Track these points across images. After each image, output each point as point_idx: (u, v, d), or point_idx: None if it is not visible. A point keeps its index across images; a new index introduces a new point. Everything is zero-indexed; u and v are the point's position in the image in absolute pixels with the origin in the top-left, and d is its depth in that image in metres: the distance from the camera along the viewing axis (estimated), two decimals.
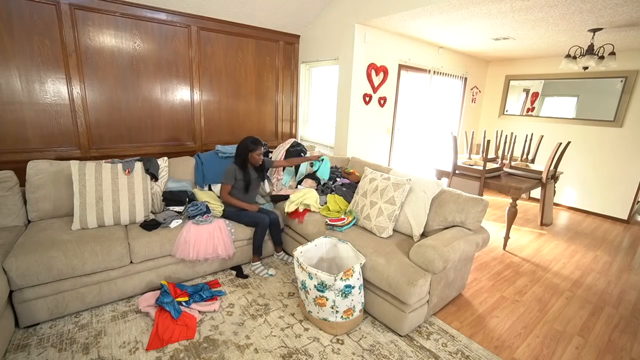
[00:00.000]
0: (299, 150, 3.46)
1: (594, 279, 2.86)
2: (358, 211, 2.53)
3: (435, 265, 1.89)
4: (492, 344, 2.00)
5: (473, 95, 5.56)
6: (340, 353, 1.86)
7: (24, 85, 2.79)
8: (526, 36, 3.70)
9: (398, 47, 3.99)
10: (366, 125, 3.97)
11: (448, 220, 2.31)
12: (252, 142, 2.66)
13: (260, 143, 2.68)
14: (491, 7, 2.74)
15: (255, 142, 2.66)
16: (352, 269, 1.91)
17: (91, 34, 3.00)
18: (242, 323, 2.06)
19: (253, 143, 2.65)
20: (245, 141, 2.66)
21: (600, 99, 4.46)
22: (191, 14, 3.44)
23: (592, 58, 3.37)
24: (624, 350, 2.01)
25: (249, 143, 2.65)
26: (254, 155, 2.66)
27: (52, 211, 2.38)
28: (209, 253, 2.39)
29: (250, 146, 2.65)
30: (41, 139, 2.96)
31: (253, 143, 2.65)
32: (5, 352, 1.74)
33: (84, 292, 2.05)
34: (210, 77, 3.77)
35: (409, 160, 4.82)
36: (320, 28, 4.00)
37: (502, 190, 3.36)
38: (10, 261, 1.80)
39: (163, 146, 3.62)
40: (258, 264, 2.64)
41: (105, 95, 3.18)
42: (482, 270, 2.90)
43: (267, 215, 2.68)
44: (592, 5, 2.59)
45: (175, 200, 2.63)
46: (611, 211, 4.50)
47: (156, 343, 1.83)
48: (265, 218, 2.63)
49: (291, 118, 4.64)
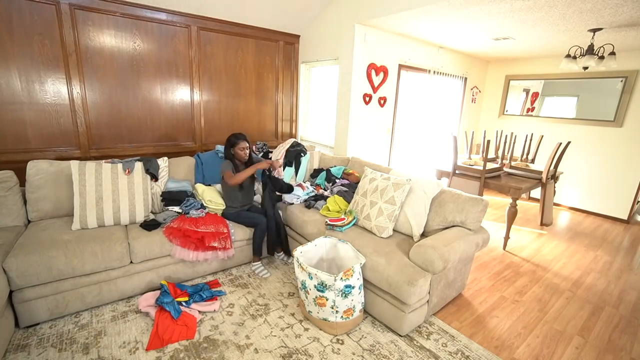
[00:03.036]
0: (299, 150, 3.46)
1: (594, 279, 2.86)
2: (358, 211, 2.53)
3: (435, 265, 1.89)
4: (492, 344, 2.00)
5: (473, 95, 5.56)
6: (340, 353, 1.86)
7: (24, 85, 2.79)
8: (526, 36, 3.71)
9: (398, 47, 3.99)
10: (366, 125, 3.97)
11: (448, 220, 2.31)
12: (234, 137, 2.66)
13: (242, 137, 2.67)
14: (491, 7, 2.74)
15: (237, 137, 2.66)
16: (352, 269, 1.91)
17: (91, 34, 3.00)
18: (242, 323, 2.06)
19: (235, 137, 2.66)
20: (228, 137, 2.68)
21: (600, 99, 4.46)
22: (191, 14, 3.45)
23: (592, 58, 3.37)
24: (624, 350, 2.01)
25: (231, 138, 2.66)
26: (237, 150, 2.65)
27: (52, 211, 2.38)
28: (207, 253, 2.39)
29: (232, 140, 2.65)
30: (41, 139, 2.96)
31: (235, 137, 2.66)
32: (5, 352, 1.74)
33: (84, 292, 2.05)
34: (210, 77, 3.78)
35: (409, 160, 4.82)
36: (320, 28, 4.00)
37: (502, 190, 3.36)
38: (10, 261, 1.80)
39: (163, 146, 3.62)
40: (258, 264, 2.64)
41: (105, 95, 3.18)
42: (482, 270, 2.90)
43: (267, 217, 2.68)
44: (592, 5, 2.59)
45: (174, 200, 2.63)
46: (611, 211, 4.50)
47: (156, 343, 1.83)
48: (263, 219, 2.63)
49: (291, 118, 4.64)
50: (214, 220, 2.48)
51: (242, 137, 2.67)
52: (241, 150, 2.66)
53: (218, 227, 2.43)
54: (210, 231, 2.38)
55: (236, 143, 2.64)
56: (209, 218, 2.48)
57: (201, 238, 2.33)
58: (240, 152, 2.66)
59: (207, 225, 2.41)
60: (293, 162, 3.43)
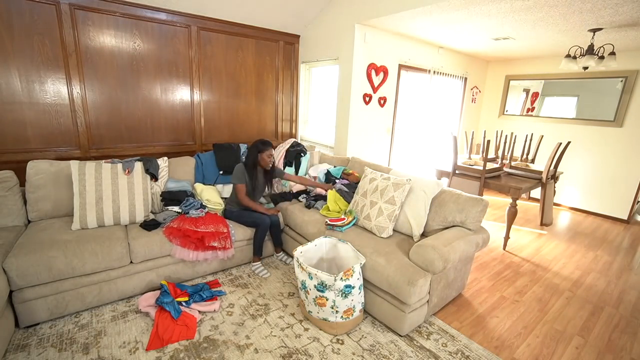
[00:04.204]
0: (299, 150, 3.46)
1: (594, 279, 2.85)
2: (358, 211, 2.53)
3: (435, 265, 1.89)
4: (492, 344, 2.00)
5: (473, 95, 5.56)
6: (340, 353, 1.86)
7: (24, 85, 2.79)
8: (526, 36, 3.70)
9: (398, 47, 3.99)
10: (366, 125, 3.97)
11: (448, 220, 2.31)
12: (262, 143, 2.67)
13: (270, 144, 2.69)
14: (491, 7, 2.74)
15: (265, 143, 2.67)
16: (352, 269, 1.91)
17: (91, 34, 2.99)
18: (242, 323, 2.06)
19: (263, 144, 2.67)
20: (255, 142, 2.69)
21: (600, 99, 4.46)
22: (191, 14, 3.44)
23: (592, 58, 3.37)
24: (624, 350, 2.01)
25: (259, 144, 2.67)
26: (263, 157, 2.67)
27: (52, 211, 2.38)
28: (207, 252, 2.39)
29: (259, 147, 2.66)
30: (41, 139, 2.96)
31: (263, 144, 2.67)
32: (5, 352, 1.74)
33: (84, 292, 2.05)
34: (210, 77, 3.77)
35: (409, 160, 4.82)
36: (320, 28, 3.99)
37: (502, 190, 3.36)
38: (10, 261, 1.80)
39: (163, 146, 3.62)
40: (258, 264, 2.64)
41: (105, 95, 3.18)
42: (482, 270, 2.90)
43: (268, 217, 2.68)
44: (592, 5, 2.59)
45: (174, 200, 2.63)
46: (611, 211, 4.50)
47: (156, 343, 1.83)
48: (266, 219, 2.63)
49: (291, 118, 4.64)
50: (214, 220, 2.48)
51: (269, 144, 2.69)
52: (268, 157, 2.68)
53: (218, 226, 2.43)
54: (210, 231, 2.38)
55: (264, 150, 2.66)
56: (209, 218, 2.48)
57: (201, 238, 2.33)
58: (266, 159, 2.68)
59: (207, 225, 2.41)
60: (293, 162, 3.44)
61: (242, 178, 2.62)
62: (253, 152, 2.67)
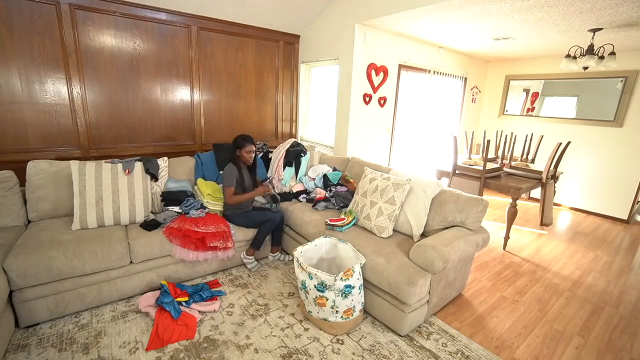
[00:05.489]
0: (299, 150, 3.46)
1: (594, 279, 2.85)
2: (358, 211, 2.53)
3: (435, 265, 1.89)
4: (492, 344, 2.00)
5: (473, 95, 5.56)
6: (340, 353, 1.86)
7: (24, 85, 2.79)
8: (526, 36, 3.70)
9: (398, 47, 3.99)
10: (366, 125, 3.97)
11: (448, 220, 2.31)
12: (242, 139, 2.60)
13: (250, 141, 2.61)
14: (491, 7, 2.74)
15: (245, 139, 2.60)
16: (352, 269, 1.91)
17: (91, 34, 2.99)
18: (242, 323, 2.06)
19: (243, 139, 2.60)
20: (236, 138, 2.62)
21: (600, 99, 4.46)
22: (191, 14, 3.44)
23: (592, 58, 3.37)
24: (624, 350, 2.01)
25: (239, 139, 2.60)
26: (242, 153, 2.60)
27: (52, 211, 2.38)
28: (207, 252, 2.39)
29: (239, 142, 2.59)
30: (41, 139, 2.96)
31: (243, 139, 2.60)
32: (5, 352, 1.74)
33: (84, 292, 2.05)
34: (210, 77, 3.77)
35: (409, 160, 4.82)
36: (320, 28, 4.00)
37: (502, 190, 3.36)
38: (10, 261, 1.80)
39: (163, 146, 3.62)
40: (251, 258, 2.62)
41: (105, 95, 3.18)
42: (482, 270, 2.90)
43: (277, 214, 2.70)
44: (592, 5, 2.59)
45: (174, 200, 2.63)
46: (611, 211, 4.50)
47: (156, 343, 1.83)
48: (276, 216, 2.64)
49: (291, 118, 4.64)
50: (214, 220, 2.48)
51: (250, 139, 2.62)
52: (247, 153, 2.60)
53: (218, 226, 2.43)
54: (210, 231, 2.38)
55: (243, 145, 2.58)
56: (209, 218, 2.48)
57: (201, 238, 2.33)
58: (246, 155, 2.61)
59: (207, 225, 2.41)
60: (293, 162, 3.43)
61: (232, 180, 2.53)
62: (232, 148, 2.60)
